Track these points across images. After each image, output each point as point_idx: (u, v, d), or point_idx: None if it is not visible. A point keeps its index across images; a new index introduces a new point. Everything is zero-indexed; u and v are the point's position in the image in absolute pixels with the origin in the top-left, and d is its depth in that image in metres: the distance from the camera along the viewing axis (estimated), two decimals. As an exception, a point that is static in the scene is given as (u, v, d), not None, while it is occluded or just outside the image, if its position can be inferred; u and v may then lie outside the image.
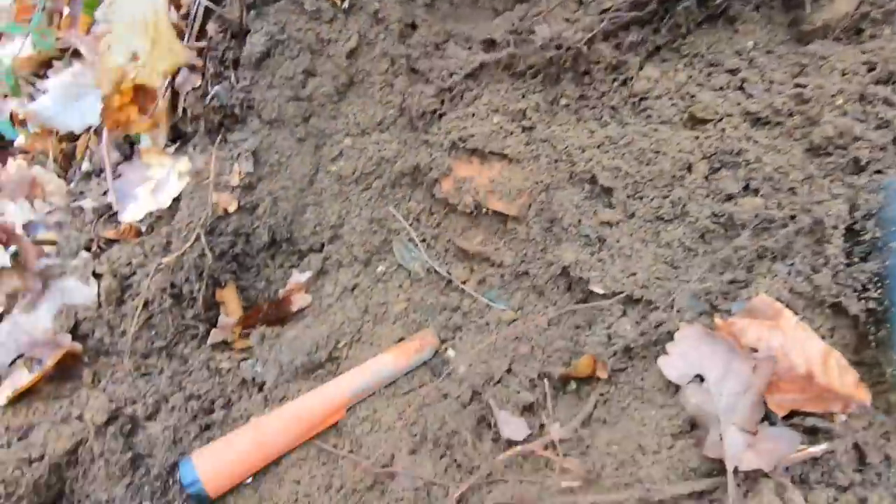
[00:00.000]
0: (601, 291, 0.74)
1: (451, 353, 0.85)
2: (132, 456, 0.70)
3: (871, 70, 0.67)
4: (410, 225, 0.90)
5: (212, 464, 0.69)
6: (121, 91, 0.68)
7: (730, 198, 0.69)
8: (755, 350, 0.59)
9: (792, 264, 0.62)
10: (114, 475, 0.68)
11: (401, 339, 0.85)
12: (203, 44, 0.74)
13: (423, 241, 0.91)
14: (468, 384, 0.77)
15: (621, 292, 0.72)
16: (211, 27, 0.78)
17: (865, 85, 0.66)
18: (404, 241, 0.91)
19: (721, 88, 0.70)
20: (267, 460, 0.73)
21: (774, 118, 0.68)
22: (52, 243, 0.84)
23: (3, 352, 0.77)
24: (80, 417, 0.70)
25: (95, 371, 0.80)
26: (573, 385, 0.78)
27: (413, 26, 0.86)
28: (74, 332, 0.80)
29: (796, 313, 0.59)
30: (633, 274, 0.72)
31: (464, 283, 0.88)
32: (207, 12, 0.78)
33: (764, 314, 0.59)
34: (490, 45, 0.84)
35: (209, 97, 0.76)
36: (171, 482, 0.71)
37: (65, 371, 0.79)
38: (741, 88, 0.70)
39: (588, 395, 0.74)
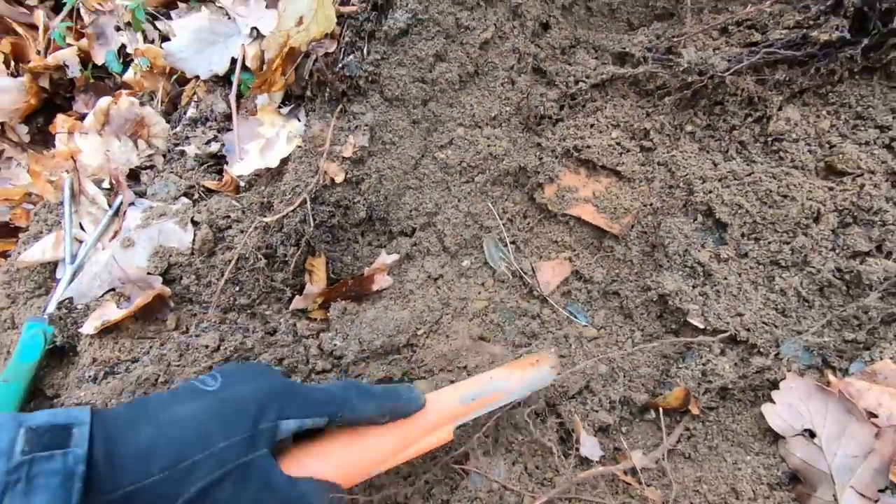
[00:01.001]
0: (701, 326, 0.73)
1: (524, 359, 0.84)
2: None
3: None
4: (504, 225, 0.89)
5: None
6: (281, 54, 0.67)
7: (857, 255, 0.67)
8: (873, 415, 0.57)
9: (919, 335, 0.61)
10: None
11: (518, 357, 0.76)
12: (349, 8, 0.73)
13: (513, 243, 0.90)
14: (541, 394, 0.77)
15: (724, 331, 0.71)
16: (357, -5, 0.78)
17: None
18: (495, 239, 0.90)
19: (867, 143, 0.68)
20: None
21: (920, 184, 0.66)
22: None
23: (98, 283, 0.78)
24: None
25: (179, 317, 0.80)
26: (651, 414, 0.77)
27: (546, 26, 0.85)
28: (164, 275, 0.80)
29: (920, 386, 0.58)
30: (740, 314, 0.71)
31: (549, 294, 0.87)
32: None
33: (888, 380, 0.58)
34: (623, 58, 0.82)
35: (340, 65, 0.75)
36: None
37: (149, 312, 0.79)
38: (889, 147, 0.68)
39: (667, 427, 0.74)
